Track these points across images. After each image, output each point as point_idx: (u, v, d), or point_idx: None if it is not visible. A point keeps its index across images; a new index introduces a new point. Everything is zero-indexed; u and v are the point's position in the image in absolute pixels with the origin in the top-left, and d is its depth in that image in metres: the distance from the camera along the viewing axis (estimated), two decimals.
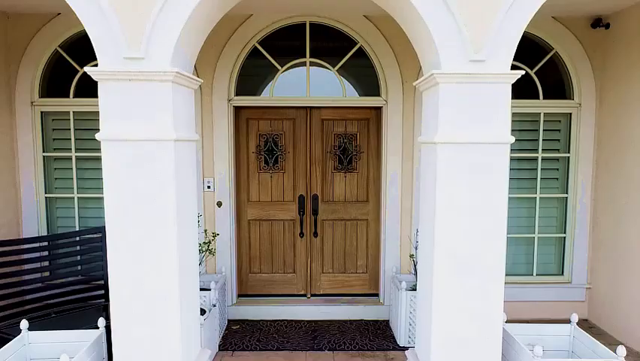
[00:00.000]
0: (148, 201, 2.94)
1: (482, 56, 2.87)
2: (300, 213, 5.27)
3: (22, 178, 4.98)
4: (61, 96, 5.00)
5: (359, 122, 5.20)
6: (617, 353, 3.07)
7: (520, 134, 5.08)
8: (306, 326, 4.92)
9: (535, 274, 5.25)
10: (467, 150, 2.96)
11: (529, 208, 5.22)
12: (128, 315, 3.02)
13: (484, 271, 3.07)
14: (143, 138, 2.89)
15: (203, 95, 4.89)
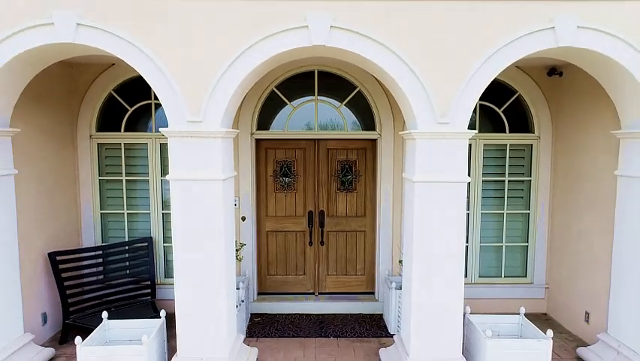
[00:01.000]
0: (204, 221, 4.05)
1: (447, 120, 3.98)
2: (309, 226, 6.37)
3: (82, 198, 6.09)
4: (113, 130, 6.11)
5: (358, 151, 6.31)
6: (546, 334, 4.19)
7: (490, 161, 6.19)
8: (315, 319, 6.02)
9: (504, 276, 6.36)
10: (436, 186, 4.07)
11: (499, 222, 6.32)
12: (191, 305, 4.13)
13: (447, 273, 4.16)
14: (201, 178, 4.00)
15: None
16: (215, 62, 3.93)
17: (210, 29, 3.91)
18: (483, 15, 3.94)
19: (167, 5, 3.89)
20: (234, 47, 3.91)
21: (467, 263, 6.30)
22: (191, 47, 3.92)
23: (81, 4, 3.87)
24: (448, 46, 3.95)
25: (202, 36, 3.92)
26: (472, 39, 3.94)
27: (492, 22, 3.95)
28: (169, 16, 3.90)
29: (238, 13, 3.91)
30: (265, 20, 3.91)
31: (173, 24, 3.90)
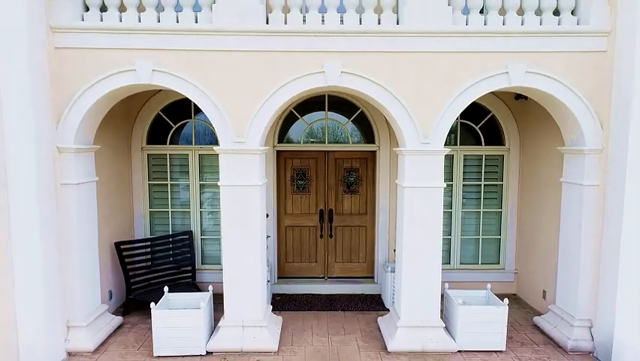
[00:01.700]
0: (247, 216, 5.40)
1: (427, 141, 5.33)
2: (320, 222, 7.73)
3: (135, 199, 7.44)
4: (160, 143, 7.47)
5: (360, 160, 7.66)
6: (503, 301, 5.54)
7: (469, 169, 7.54)
8: (325, 298, 7.36)
9: (480, 263, 7.71)
10: (420, 190, 5.41)
11: (476, 219, 7.66)
12: (235, 280, 5.48)
13: (429, 259, 5.50)
14: (244, 184, 5.36)
15: None
16: (255, 99, 5.28)
17: (250, 76, 5.26)
18: (454, 65, 5.29)
19: (221, 57, 5.25)
20: (269, 87, 5.27)
21: (450, 252, 7.65)
22: (236, 88, 5.27)
23: (158, 56, 5.22)
24: (428, 88, 5.30)
25: (245, 80, 5.27)
26: (446, 83, 5.30)
27: (461, 70, 5.30)
28: (223, 64, 5.25)
29: (273, 63, 5.25)
30: (292, 68, 5.26)
31: (226, 71, 5.25)
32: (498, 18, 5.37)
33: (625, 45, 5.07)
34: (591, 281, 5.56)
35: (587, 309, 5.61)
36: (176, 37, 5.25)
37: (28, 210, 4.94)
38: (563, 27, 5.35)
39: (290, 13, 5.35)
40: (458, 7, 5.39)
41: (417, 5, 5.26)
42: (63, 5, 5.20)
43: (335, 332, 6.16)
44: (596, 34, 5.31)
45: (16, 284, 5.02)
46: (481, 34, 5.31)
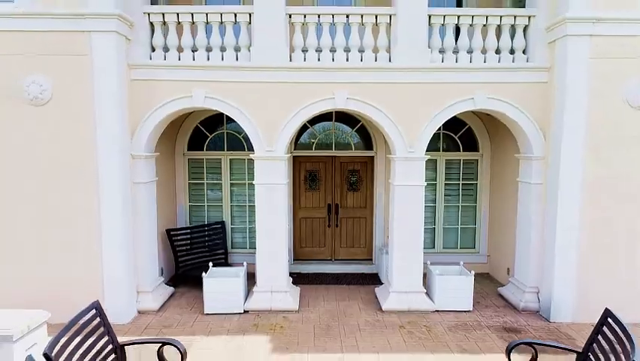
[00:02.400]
0: (274, 207, 7.10)
1: (412, 150, 7.03)
2: (328, 214, 9.43)
3: (178, 195, 9.14)
4: (198, 150, 9.17)
5: (361, 163, 9.36)
6: (470, 273, 7.24)
7: (450, 170, 9.24)
8: (332, 276, 9.05)
9: (459, 247, 9.40)
10: (406, 188, 7.11)
11: (456, 212, 9.36)
12: (266, 256, 7.18)
13: (413, 242, 7.20)
14: (272, 182, 7.06)
15: None
16: (281, 119, 6.98)
17: (278, 101, 6.97)
18: (432, 92, 6.99)
19: (255, 87, 6.95)
20: (292, 109, 6.97)
21: (435, 239, 9.36)
22: (267, 110, 6.97)
23: (208, 86, 6.93)
24: (412, 110, 7.00)
25: (273, 104, 6.97)
26: (426, 106, 7.00)
27: (438, 96, 7.00)
28: (256, 92, 6.95)
29: (295, 91, 6.96)
30: (309, 95, 6.96)
31: (259, 97, 6.95)
32: (466, 56, 7.08)
33: (558, 78, 6.77)
34: (538, 258, 7.26)
35: (535, 279, 7.31)
36: (222, 71, 6.95)
37: (113, 201, 6.65)
38: (515, 64, 7.05)
39: (307, 53, 7.06)
40: (436, 48, 7.09)
41: (404, 47, 6.96)
42: (137, 48, 6.90)
43: (341, 298, 7.86)
44: (539, 69, 7.00)
45: (103, 258, 6.73)
46: (453, 70, 7.01)
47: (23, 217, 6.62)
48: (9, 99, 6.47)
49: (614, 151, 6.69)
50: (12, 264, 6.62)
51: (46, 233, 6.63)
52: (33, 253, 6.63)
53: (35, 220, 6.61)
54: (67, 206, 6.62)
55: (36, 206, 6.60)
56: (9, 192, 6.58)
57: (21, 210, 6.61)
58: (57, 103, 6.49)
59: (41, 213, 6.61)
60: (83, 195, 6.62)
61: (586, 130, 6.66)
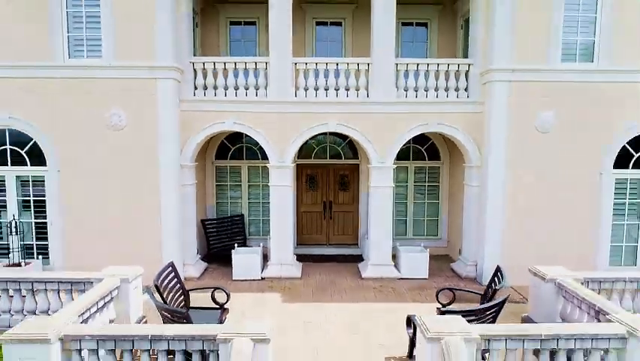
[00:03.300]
0: (284, 203, 9.79)
1: (383, 161, 9.73)
2: (324, 208, 12.11)
3: (207, 195, 11.83)
4: (223, 159, 11.86)
5: (349, 169, 12.04)
6: (426, 250, 9.96)
7: (418, 175, 11.93)
8: (327, 256, 11.72)
9: (425, 235, 12.10)
10: (380, 188, 9.81)
11: (423, 207, 12.06)
12: (277, 238, 9.89)
13: (385, 228, 9.90)
14: (282, 185, 9.77)
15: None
16: (288, 138, 9.66)
17: (286, 125, 9.64)
18: (398, 119, 9.67)
19: (270, 116, 9.63)
20: (297, 131, 9.65)
21: (406, 228, 12.05)
22: (279, 132, 9.65)
23: (236, 115, 9.61)
24: (384, 132, 9.68)
25: (283, 128, 9.65)
26: (393, 130, 9.68)
27: (402, 122, 9.68)
28: (271, 118, 9.63)
29: (299, 118, 9.65)
30: (309, 121, 9.65)
31: (273, 122, 9.64)
32: (423, 93, 9.76)
33: (488, 110, 9.47)
34: (476, 240, 9.96)
35: (474, 255, 10.00)
36: (246, 104, 9.63)
37: (169, 199, 9.35)
38: (459, 99, 9.75)
39: (308, 90, 9.74)
40: (401, 87, 9.77)
41: (378, 87, 9.64)
42: (185, 87, 9.59)
43: (332, 271, 10.54)
44: (476, 103, 9.69)
45: (162, 240, 9.40)
46: (413, 103, 9.69)
47: (111, 210, 9.30)
48: (97, 126, 9.15)
49: (526, 161, 9.38)
50: (105, 243, 9.30)
51: (125, 222, 9.32)
52: (118, 236, 9.31)
53: (118, 212, 9.30)
54: (139, 202, 9.30)
55: (118, 202, 9.29)
56: (100, 190, 9.27)
57: (110, 205, 9.29)
58: (131, 128, 9.18)
59: (121, 208, 9.30)
60: (149, 194, 9.31)
61: (505, 147, 9.36)
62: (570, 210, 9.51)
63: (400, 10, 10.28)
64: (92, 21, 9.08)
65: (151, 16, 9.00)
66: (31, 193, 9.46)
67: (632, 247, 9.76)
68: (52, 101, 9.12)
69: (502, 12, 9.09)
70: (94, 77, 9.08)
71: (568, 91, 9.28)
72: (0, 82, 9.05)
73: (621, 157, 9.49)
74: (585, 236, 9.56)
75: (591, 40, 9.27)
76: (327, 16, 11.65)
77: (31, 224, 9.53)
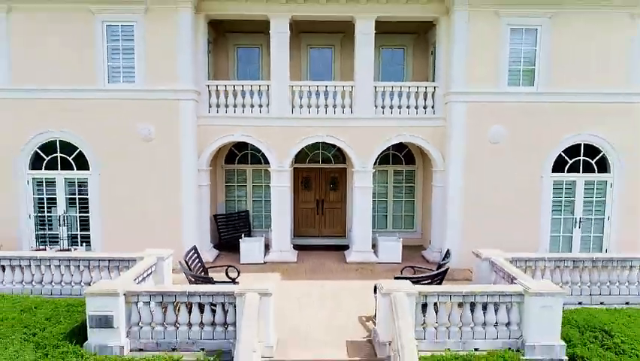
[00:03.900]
0: (283, 200, 11.94)
1: (365, 166, 11.87)
2: (317, 205, 14.25)
3: (218, 194, 13.97)
4: (231, 163, 14.01)
5: (338, 172, 14.17)
6: (399, 239, 12.11)
7: (396, 177, 14.07)
8: (319, 246, 13.83)
9: (403, 228, 14.24)
10: (363, 189, 11.95)
11: (401, 204, 14.19)
12: (278, 229, 12.03)
13: (366, 222, 12.04)
14: (282, 185, 11.92)
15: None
16: (287, 147, 11.80)
17: (285, 137, 11.78)
18: (377, 131, 11.80)
19: (272, 129, 11.77)
20: (293, 141, 11.78)
21: (387, 221, 14.19)
22: (279, 142, 11.79)
23: (243, 128, 11.75)
24: (365, 142, 11.80)
25: (282, 139, 11.78)
26: (372, 141, 11.80)
27: (380, 134, 11.80)
28: (272, 130, 11.76)
29: (294, 131, 11.78)
30: (303, 133, 11.78)
31: (274, 135, 11.77)
32: (397, 110, 11.88)
33: (449, 125, 11.59)
34: (441, 231, 12.09)
35: (440, 243, 12.12)
36: (251, 119, 11.76)
37: (189, 197, 11.50)
38: (427, 115, 11.87)
39: (302, 108, 11.86)
40: (379, 105, 11.89)
41: (360, 106, 11.76)
42: (201, 105, 11.73)
43: (323, 257, 12.66)
44: (440, 119, 11.82)
45: (183, 231, 11.54)
46: (389, 118, 11.82)
47: (141, 206, 11.44)
48: (130, 137, 11.29)
49: (480, 166, 11.50)
50: (135, 233, 11.40)
51: (152, 215, 11.44)
52: (146, 227, 11.42)
53: (147, 207, 11.43)
54: (164, 199, 11.44)
55: (147, 199, 11.42)
56: (132, 190, 11.40)
57: (140, 202, 11.43)
58: (158, 139, 11.32)
59: (149, 204, 11.43)
60: (172, 193, 11.45)
61: (463, 155, 11.49)
62: (517, 206, 11.63)
63: (381, 37, 12.46)
64: (127, 53, 11.22)
65: (174, 49, 11.13)
66: (76, 192, 11.60)
67: (569, 236, 11.87)
68: (95, 117, 11.25)
69: (459, 47, 11.22)
70: (128, 98, 11.21)
71: (514, 109, 11.40)
72: (53, 102, 11.18)
73: (558, 163, 11.61)
74: (530, 227, 11.67)
75: (532, 68, 11.39)
76: (319, 43, 13.78)
77: (76, 217, 11.66)
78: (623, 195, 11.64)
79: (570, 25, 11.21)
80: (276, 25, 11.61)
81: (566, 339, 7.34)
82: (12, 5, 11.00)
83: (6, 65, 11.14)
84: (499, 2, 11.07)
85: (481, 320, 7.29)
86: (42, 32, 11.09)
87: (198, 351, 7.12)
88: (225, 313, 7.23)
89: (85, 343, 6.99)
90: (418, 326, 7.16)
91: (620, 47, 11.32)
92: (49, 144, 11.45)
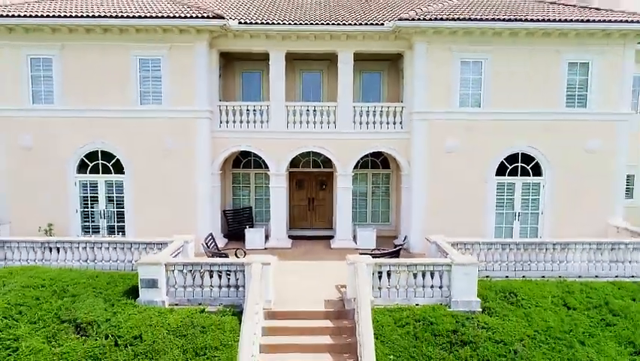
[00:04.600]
0: (281, 198, 14.82)
1: (346, 171, 14.74)
2: (308, 203, 17.13)
3: (226, 193, 16.84)
4: (237, 168, 16.89)
5: (326, 175, 17.04)
6: (374, 229, 15.00)
7: (375, 179, 16.94)
8: (310, 236, 16.68)
9: (380, 221, 17.11)
10: (343, 189, 14.83)
11: (379, 201, 17.06)
12: (276, 221, 14.91)
13: (346, 215, 14.91)
14: (279, 186, 14.80)
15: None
16: (283, 155, 14.66)
17: (281, 147, 14.64)
18: (355, 143, 14.66)
19: (271, 141, 14.62)
20: (288, 150, 14.65)
21: (367, 216, 17.06)
22: (277, 151, 14.65)
23: (247, 140, 14.61)
24: (346, 151, 14.67)
25: (279, 149, 14.64)
26: (351, 150, 14.67)
27: (358, 145, 14.67)
28: (271, 142, 14.63)
29: (288, 142, 14.64)
30: (296, 144, 14.65)
31: (273, 145, 14.63)
32: (372, 125, 14.73)
33: (413, 138, 14.45)
34: (407, 223, 14.95)
35: (405, 231, 14.98)
36: (254, 133, 14.62)
37: (203, 196, 14.36)
38: (396, 129, 14.73)
39: (295, 124, 14.72)
40: (357, 122, 14.75)
41: (342, 122, 14.63)
42: (214, 122, 14.59)
43: (313, 245, 15.53)
44: (407, 132, 14.68)
45: (197, 221, 14.39)
46: (365, 132, 14.67)
47: (165, 203, 14.29)
48: (157, 148, 14.15)
49: (438, 171, 14.36)
50: (160, 224, 14.24)
51: (173, 210, 14.30)
52: (169, 220, 14.27)
53: (169, 204, 14.29)
54: (183, 198, 14.30)
55: (170, 197, 14.28)
56: (158, 190, 14.26)
57: (164, 200, 14.29)
58: (179, 150, 14.18)
59: (171, 201, 14.29)
60: (189, 192, 14.31)
61: (424, 162, 14.34)
62: (468, 203, 14.47)
63: (361, 63, 15.39)
64: (155, 80, 14.08)
65: (193, 77, 14.00)
66: (114, 191, 14.46)
67: (510, 227, 14.73)
68: (129, 131, 14.11)
69: (420, 75, 14.10)
70: (156, 116, 14.07)
71: (464, 125, 14.26)
72: (96, 120, 14.04)
73: (500, 168, 14.47)
74: (478, 220, 14.52)
75: (479, 92, 14.25)
76: (310, 68, 16.65)
77: (113, 212, 14.53)
78: (553, 194, 14.51)
79: (508, 58, 14.07)
80: (274, 57, 14.48)
81: (483, 297, 10.17)
82: (65, 43, 13.86)
83: (59, 91, 14.01)
84: (452, 40, 13.93)
85: (421, 283, 10.14)
86: (88, 63, 13.93)
87: (218, 306, 9.97)
88: (237, 279, 10.08)
89: (137, 299, 9.84)
90: (375, 289, 10.00)
91: (550, 75, 14.17)
92: (92, 153, 14.31)
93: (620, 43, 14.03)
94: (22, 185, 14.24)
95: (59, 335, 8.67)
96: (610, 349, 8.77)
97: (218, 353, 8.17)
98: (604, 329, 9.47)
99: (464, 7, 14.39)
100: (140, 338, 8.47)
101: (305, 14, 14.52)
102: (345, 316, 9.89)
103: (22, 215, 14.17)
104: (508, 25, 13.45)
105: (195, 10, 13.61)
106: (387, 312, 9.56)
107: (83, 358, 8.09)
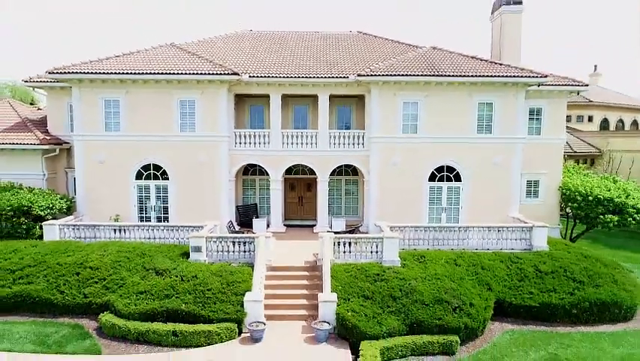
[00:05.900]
0: (278, 197, 21.02)
1: (325, 177, 20.94)
2: (299, 200, 23.32)
3: (238, 193, 23.01)
4: (246, 175, 23.11)
5: (312, 180, 23.20)
6: (344, 219, 21.23)
7: (348, 183, 23.11)
8: (299, 225, 22.86)
9: (351, 214, 23.29)
10: (323, 189, 21.02)
11: (350, 198, 23.23)
12: (274, 214, 21.11)
13: (324, 209, 21.10)
14: (277, 188, 21.02)
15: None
16: (280, 166, 20.84)
17: (278, 161, 20.82)
18: (332, 158, 20.84)
19: (271, 157, 20.82)
20: (283, 162, 20.83)
21: (341, 210, 23.25)
22: (275, 163, 20.83)
23: (255, 157, 20.81)
24: (324, 164, 20.84)
25: (276, 162, 20.83)
26: (328, 162, 20.86)
27: (332, 159, 20.85)
28: (271, 157, 20.81)
29: (283, 157, 20.84)
30: (289, 159, 20.84)
31: (272, 159, 20.82)
32: (343, 145, 20.89)
33: (370, 155, 20.62)
34: (366, 214, 21.12)
35: (366, 221, 21.15)
36: (260, 151, 20.81)
37: (224, 196, 20.57)
38: (360, 148, 20.89)
39: (288, 145, 20.90)
40: (332, 143, 20.92)
41: (321, 144, 20.80)
42: (231, 143, 20.78)
43: (302, 231, 21.69)
44: (366, 151, 20.85)
45: (220, 212, 20.57)
46: (339, 150, 20.83)
47: (196, 200, 20.46)
48: (192, 161, 20.34)
49: (387, 178, 20.50)
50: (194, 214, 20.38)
51: (203, 205, 20.47)
52: (199, 212, 20.40)
53: (199, 201, 20.46)
54: (210, 197, 20.47)
55: (200, 197, 20.46)
56: (191, 191, 20.45)
57: (196, 198, 20.46)
58: (208, 163, 20.36)
59: (201, 199, 20.47)
60: (214, 193, 20.48)
61: (378, 171, 20.50)
62: (407, 200, 20.58)
63: (337, 99, 21.64)
64: (191, 115, 20.25)
65: (217, 112, 20.17)
66: (161, 192, 20.62)
67: (439, 217, 20.88)
68: (172, 150, 20.28)
69: (375, 111, 20.24)
70: (191, 140, 20.25)
71: (405, 146, 20.41)
72: (147, 143, 20.20)
73: (431, 176, 20.62)
74: (417, 212, 20.63)
75: (416, 123, 20.39)
76: (299, 103, 22.84)
77: (160, 207, 20.70)
78: (469, 195, 20.66)
79: (436, 99, 20.21)
80: (273, 98, 20.67)
81: (403, 259, 16.28)
82: (128, 89, 20.05)
83: (125, 123, 20.18)
84: (396, 87, 20.09)
85: (365, 249, 16.30)
86: (144, 103, 20.10)
87: (238, 264, 16.11)
88: (249, 247, 16.24)
89: (188, 258, 16.00)
90: (335, 253, 16.16)
91: (465, 111, 20.31)
92: (146, 166, 20.47)
93: (514, 89, 20.19)
94: (96, 187, 20.41)
95: (148, 276, 14.85)
96: (469, 284, 14.90)
97: (242, 284, 14.32)
98: (472, 276, 15.60)
99: (407, 63, 20.56)
100: (195, 277, 14.61)
101: (296, 69, 20.68)
102: (317, 269, 16.08)
103: (96, 208, 20.34)
104: (433, 79, 19.62)
105: (219, 68, 19.79)
106: (341, 266, 15.71)
107: (164, 287, 14.24)
